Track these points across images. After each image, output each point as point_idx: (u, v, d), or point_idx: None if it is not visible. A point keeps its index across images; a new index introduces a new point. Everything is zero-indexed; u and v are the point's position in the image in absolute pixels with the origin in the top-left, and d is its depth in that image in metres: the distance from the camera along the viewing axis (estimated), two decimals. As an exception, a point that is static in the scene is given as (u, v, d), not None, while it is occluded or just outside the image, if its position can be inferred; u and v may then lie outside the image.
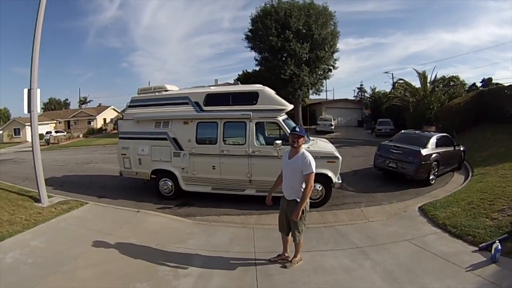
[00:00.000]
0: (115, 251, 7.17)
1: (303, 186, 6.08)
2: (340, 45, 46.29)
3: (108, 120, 72.71)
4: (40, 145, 11.04)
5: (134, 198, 11.70)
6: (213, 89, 11.68)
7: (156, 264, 6.62)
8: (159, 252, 7.19)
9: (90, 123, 69.38)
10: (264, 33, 40.84)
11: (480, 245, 7.07)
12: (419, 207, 10.14)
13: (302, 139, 6.21)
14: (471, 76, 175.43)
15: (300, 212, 6.05)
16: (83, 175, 16.60)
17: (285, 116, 11.33)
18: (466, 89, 44.15)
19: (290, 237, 6.65)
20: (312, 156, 6.21)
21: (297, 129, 6.37)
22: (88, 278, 6.06)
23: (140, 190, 12.54)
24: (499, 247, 6.46)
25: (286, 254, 6.80)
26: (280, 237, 6.90)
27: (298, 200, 6.13)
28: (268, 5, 42.54)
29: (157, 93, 12.08)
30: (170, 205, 10.96)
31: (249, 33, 44.76)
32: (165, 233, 8.37)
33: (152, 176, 11.75)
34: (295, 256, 6.61)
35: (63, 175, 16.42)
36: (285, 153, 6.54)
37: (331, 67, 46.65)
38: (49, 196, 10.62)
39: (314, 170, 6.02)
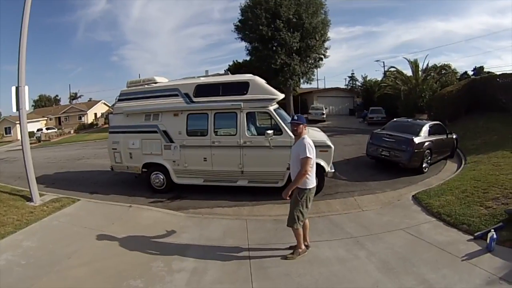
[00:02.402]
0: (108, 248, 7.08)
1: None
2: (331, 34, 46.10)
3: (99, 115, 72.38)
4: (31, 143, 10.90)
5: (126, 193, 11.58)
6: (203, 80, 11.56)
7: (149, 259, 6.54)
8: (153, 247, 7.09)
9: (81, 119, 69.13)
10: (254, 22, 40.44)
11: (475, 234, 7.06)
12: (412, 196, 10.13)
13: (301, 125, 6.32)
14: (463, 64, 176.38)
15: (289, 192, 6.18)
16: (74, 171, 16.45)
17: (276, 106, 11.23)
18: (458, 77, 44.06)
19: (307, 223, 6.73)
20: None
21: (295, 117, 6.48)
22: (81, 277, 5.97)
23: (132, 185, 12.41)
24: (495, 236, 6.43)
25: (306, 243, 6.77)
26: (274, 229, 6.92)
27: (299, 186, 6.15)
28: (258, -6, 42.15)
29: (146, 86, 11.91)
30: (162, 199, 10.86)
31: (239, 23, 44.32)
32: (158, 228, 8.25)
33: (144, 170, 11.62)
34: (298, 247, 6.57)
35: (55, 172, 16.21)
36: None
37: (322, 56, 46.31)
38: (41, 195, 10.43)
39: (310, 155, 6.03)
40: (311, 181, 6.24)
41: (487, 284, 5.43)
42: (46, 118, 70.03)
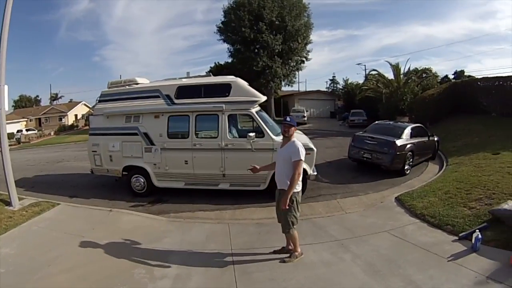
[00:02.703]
0: (89, 254, 6.87)
1: None
2: (313, 37, 46.84)
3: (79, 116, 71.45)
4: (10, 145, 10.57)
5: (107, 197, 11.34)
6: (185, 81, 11.40)
7: (131, 266, 6.35)
8: (134, 253, 6.90)
9: (61, 120, 68.05)
10: (237, 24, 40.62)
11: (460, 235, 7.14)
12: (395, 198, 10.17)
13: (293, 128, 6.29)
14: (443, 68, 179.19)
15: (288, 200, 5.95)
16: (54, 174, 16.10)
17: (258, 108, 11.15)
18: (439, 81, 44.63)
19: None
20: None
21: (288, 118, 6.38)
22: (62, 285, 5.77)
23: (113, 188, 12.18)
24: (480, 236, 6.51)
25: (290, 247, 6.64)
26: (257, 232, 6.85)
27: (286, 188, 6.04)
28: (241, -4, 42.23)
29: (127, 87, 11.71)
30: (143, 203, 10.62)
31: (222, 25, 44.47)
32: (139, 232, 8.07)
33: (124, 173, 11.40)
34: (294, 250, 6.49)
35: (34, 175, 15.84)
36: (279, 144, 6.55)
37: (304, 59, 46.89)
38: (20, 198, 10.13)
39: (302, 158, 5.97)
40: (299, 184, 6.16)
41: (475, 284, 5.47)
42: (26, 119, 68.52)
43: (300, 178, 6.12)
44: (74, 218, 9.18)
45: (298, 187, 6.15)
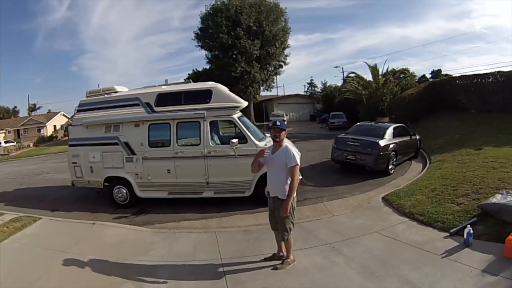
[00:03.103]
0: (74, 271, 6.56)
1: (288, 181, 5.88)
2: (290, 41, 46.96)
3: (58, 127, 70.23)
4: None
5: (89, 209, 11.02)
6: (165, 89, 11.22)
7: (119, 282, 6.08)
8: (120, 268, 6.65)
9: (40, 131, 66.71)
10: (215, 30, 40.77)
11: (451, 231, 7.17)
12: (382, 197, 10.16)
13: (283, 132, 6.07)
14: (420, 68, 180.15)
15: (288, 208, 5.82)
16: (35, 187, 15.67)
17: (240, 114, 11.02)
18: (417, 80, 45.17)
19: None
20: None
21: (278, 122, 6.15)
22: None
23: (95, 200, 11.87)
24: (471, 231, 6.54)
25: (281, 254, 6.48)
26: (245, 240, 6.77)
27: (282, 197, 5.92)
28: (219, 2, 42.54)
29: (106, 95, 11.46)
30: (126, 214, 10.35)
31: (199, 32, 44.60)
32: (124, 246, 7.85)
33: (106, 184, 11.10)
34: (287, 257, 6.32)
35: (14, 189, 15.44)
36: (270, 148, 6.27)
37: (282, 63, 47.40)
38: (0, 214, 9.86)
39: (299, 163, 5.88)
40: None
41: (471, 278, 5.47)
42: (4, 131, 67.37)
43: None
44: (57, 233, 8.85)
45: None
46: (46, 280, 6.24)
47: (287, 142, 6.16)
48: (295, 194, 6.01)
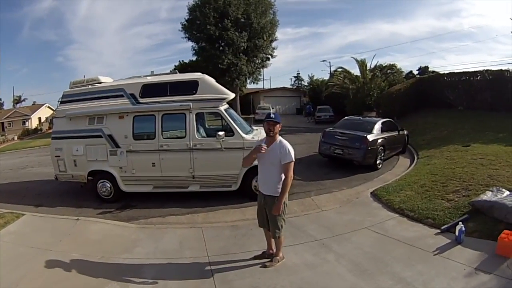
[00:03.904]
0: (57, 270, 6.30)
1: (282, 177, 5.67)
2: (278, 34, 46.77)
3: (43, 119, 68.85)
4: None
5: (73, 204, 10.72)
6: (150, 79, 10.97)
7: (103, 282, 5.85)
8: (105, 266, 6.43)
9: (25, 124, 65.46)
10: (202, 22, 40.42)
11: (442, 227, 7.17)
12: (371, 193, 10.14)
13: (278, 125, 5.73)
14: (408, 64, 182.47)
15: (281, 206, 5.64)
16: (18, 182, 15.19)
17: (227, 106, 10.86)
18: (404, 76, 45.35)
19: None
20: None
21: (272, 115, 5.84)
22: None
23: (79, 194, 11.54)
24: (463, 228, 6.55)
25: (271, 251, 6.31)
26: (233, 236, 6.76)
27: (275, 195, 5.71)
28: (207, -7, 42.08)
29: (90, 86, 11.16)
30: (111, 209, 10.09)
31: (186, 23, 44.15)
32: (108, 242, 7.61)
33: (89, 178, 10.85)
34: (276, 254, 6.16)
35: (-2, 184, 15.11)
36: (259, 142, 6.04)
37: (269, 56, 47.24)
38: (-17, 211, 9.51)
39: (293, 159, 5.63)
40: None
41: (464, 276, 5.45)
42: (-11, 125, 66.61)
43: None
44: (41, 229, 8.53)
45: None
46: (29, 280, 6.00)
47: (280, 137, 5.87)
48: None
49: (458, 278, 5.36)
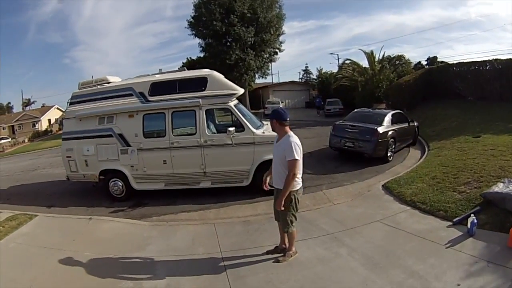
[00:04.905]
0: (71, 270, 6.37)
1: (287, 173, 5.60)
2: (284, 28, 46.55)
3: (53, 121, 69.89)
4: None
5: (85, 204, 10.82)
6: (158, 77, 10.95)
7: (117, 279, 5.91)
8: (118, 264, 6.49)
9: (35, 126, 66.50)
10: (208, 18, 40.36)
11: (454, 220, 7.08)
12: (382, 185, 10.06)
13: (274, 121, 5.76)
14: (415, 55, 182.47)
15: (283, 201, 5.59)
16: (30, 184, 15.37)
17: (236, 101, 10.86)
18: (412, 67, 44.98)
19: None
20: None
21: (273, 111, 5.92)
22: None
23: (91, 194, 11.68)
24: (475, 220, 6.47)
25: (284, 246, 6.30)
26: (245, 231, 6.82)
27: (281, 188, 5.66)
28: (212, -11, 41.89)
29: (98, 86, 11.20)
30: (123, 207, 10.19)
31: (192, 20, 44.13)
32: (121, 241, 7.67)
33: (101, 177, 10.89)
34: (289, 249, 6.16)
35: (10, 186, 15.11)
36: (276, 137, 6.04)
37: (277, 50, 47.06)
38: (-4, 213, 9.61)
39: (297, 157, 5.54)
40: (298, 182, 5.79)
41: (477, 270, 5.36)
42: (-1, 127, 67.32)
43: (300, 175, 5.80)
44: (53, 230, 8.63)
45: (297, 185, 5.79)
46: (42, 280, 6.05)
47: (291, 132, 5.83)
48: (298, 187, 5.81)
49: (471, 271, 5.30)
